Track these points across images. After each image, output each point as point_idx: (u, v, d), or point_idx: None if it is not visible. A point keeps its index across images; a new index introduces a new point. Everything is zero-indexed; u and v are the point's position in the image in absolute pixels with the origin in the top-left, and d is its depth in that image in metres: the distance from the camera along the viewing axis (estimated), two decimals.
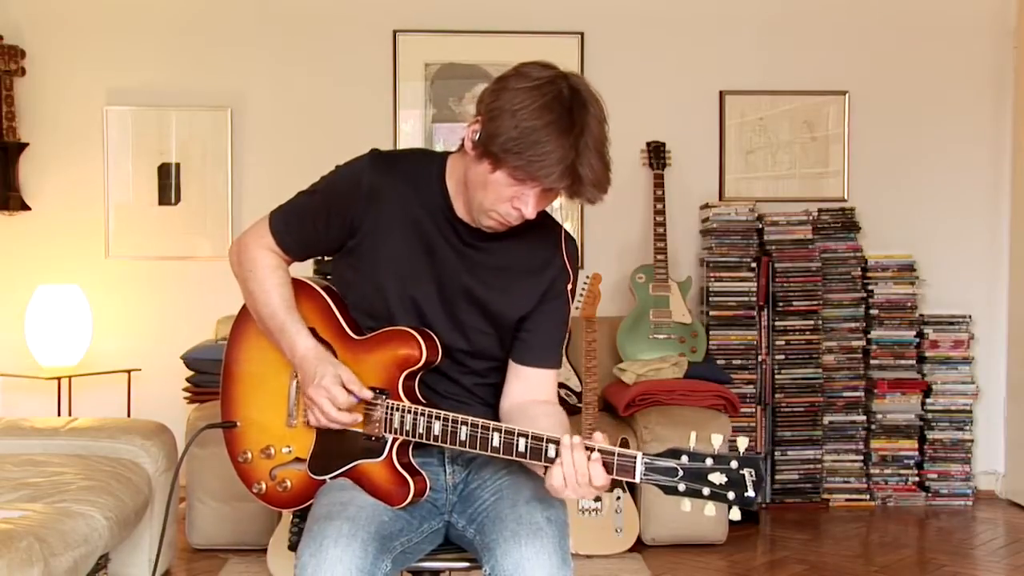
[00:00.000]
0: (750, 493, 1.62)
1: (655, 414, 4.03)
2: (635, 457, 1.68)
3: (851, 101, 4.92)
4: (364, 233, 1.97)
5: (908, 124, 4.96)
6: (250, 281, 2.05)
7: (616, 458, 1.70)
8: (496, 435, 1.79)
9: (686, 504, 1.68)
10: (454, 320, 1.99)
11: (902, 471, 4.72)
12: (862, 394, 4.70)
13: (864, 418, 4.70)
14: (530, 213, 1.85)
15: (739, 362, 4.61)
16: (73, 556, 2.39)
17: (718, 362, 4.55)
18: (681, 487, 1.66)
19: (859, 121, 4.93)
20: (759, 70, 4.93)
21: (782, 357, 4.64)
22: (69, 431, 3.20)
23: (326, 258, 2.48)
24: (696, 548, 3.96)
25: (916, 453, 4.73)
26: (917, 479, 4.73)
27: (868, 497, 4.68)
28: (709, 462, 1.65)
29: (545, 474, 1.77)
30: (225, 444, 2.12)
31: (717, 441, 1.66)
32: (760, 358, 4.65)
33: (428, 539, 1.99)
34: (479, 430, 1.80)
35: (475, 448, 1.81)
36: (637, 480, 1.68)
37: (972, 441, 4.76)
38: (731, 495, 1.63)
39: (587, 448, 1.72)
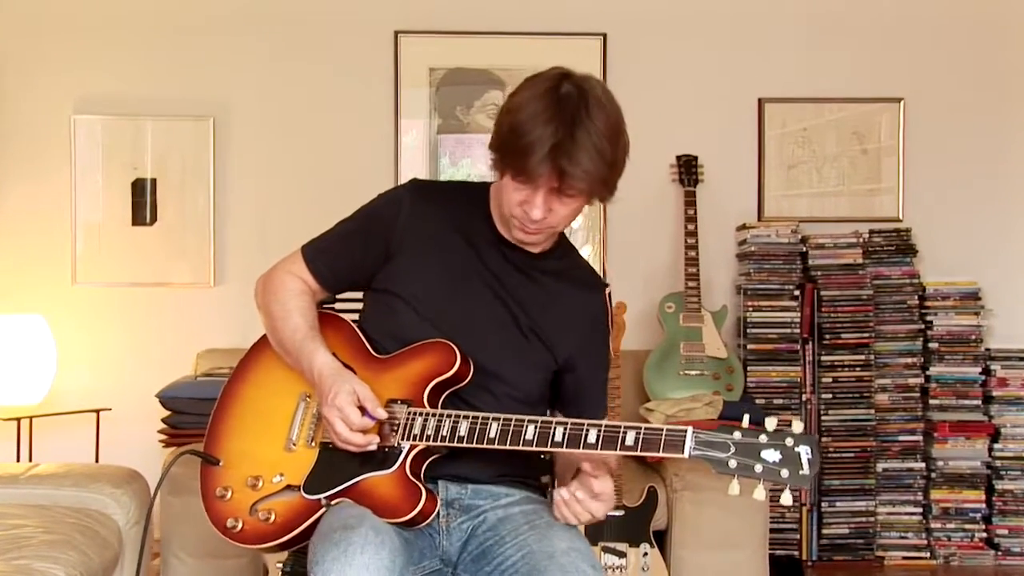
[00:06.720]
0: (805, 471, 1.75)
1: (687, 460, 3.99)
2: (684, 432, 1.83)
3: (906, 109, 4.92)
4: (402, 257, 2.13)
5: (971, 135, 4.95)
6: (272, 304, 2.18)
7: (664, 434, 1.84)
8: (532, 427, 1.92)
9: (735, 486, 1.80)
10: (490, 348, 2.11)
11: (967, 526, 4.68)
12: (920, 438, 4.68)
13: (923, 465, 4.67)
14: (536, 215, 1.98)
15: (780, 401, 4.60)
16: None
17: (757, 401, 4.53)
18: (732, 463, 1.80)
19: (915, 132, 4.92)
20: (802, 75, 4.93)
21: (829, 396, 4.63)
22: (29, 478, 3.18)
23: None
24: None
25: (983, 505, 4.69)
26: (985, 535, 4.69)
27: (928, 555, 4.65)
28: (763, 438, 1.79)
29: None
30: (200, 480, 2.17)
31: (771, 424, 1.79)
32: (804, 397, 4.64)
33: None
34: (512, 423, 1.93)
35: (506, 443, 1.92)
36: (686, 455, 1.82)
37: None
38: (785, 473, 1.76)
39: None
